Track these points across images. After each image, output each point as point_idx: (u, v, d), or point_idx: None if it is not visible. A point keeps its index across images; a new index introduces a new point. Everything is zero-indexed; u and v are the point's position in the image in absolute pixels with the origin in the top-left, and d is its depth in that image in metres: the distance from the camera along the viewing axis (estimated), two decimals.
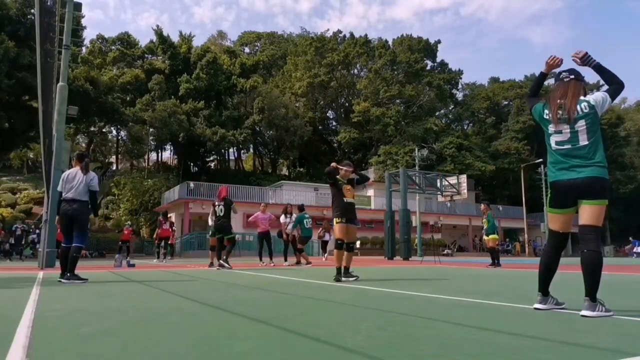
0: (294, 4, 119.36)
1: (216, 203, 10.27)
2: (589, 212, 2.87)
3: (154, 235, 15.94)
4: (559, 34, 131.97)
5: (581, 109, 2.94)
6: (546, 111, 3.08)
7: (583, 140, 2.89)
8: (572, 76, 3.07)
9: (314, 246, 26.57)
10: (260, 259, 12.28)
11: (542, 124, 3.12)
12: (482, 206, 12.21)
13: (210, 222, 11.38)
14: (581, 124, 2.91)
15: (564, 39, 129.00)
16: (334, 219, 6.18)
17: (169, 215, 19.39)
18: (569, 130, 2.94)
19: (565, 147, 2.93)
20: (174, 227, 17.37)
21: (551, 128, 3.01)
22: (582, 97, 2.99)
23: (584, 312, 2.79)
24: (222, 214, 10.05)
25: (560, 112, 2.98)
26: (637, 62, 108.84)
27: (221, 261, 9.65)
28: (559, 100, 3.01)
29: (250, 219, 12.02)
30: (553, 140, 2.99)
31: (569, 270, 6.58)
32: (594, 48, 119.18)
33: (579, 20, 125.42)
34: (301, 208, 12.69)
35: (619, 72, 3.04)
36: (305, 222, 12.36)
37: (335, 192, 6.24)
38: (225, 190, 10.67)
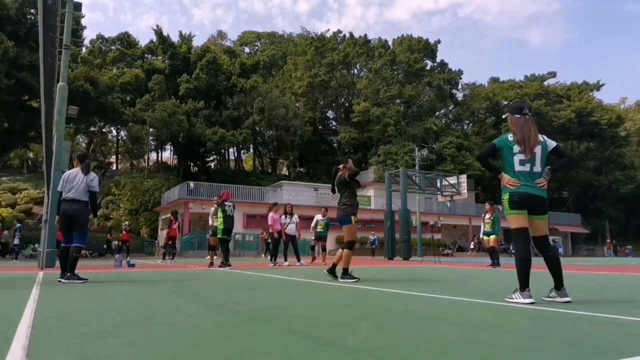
0: (293, 5, 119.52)
1: (226, 203, 10.31)
2: (542, 225, 3.65)
3: (164, 235, 15.89)
4: (557, 35, 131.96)
5: (539, 140, 3.63)
6: (511, 136, 3.65)
7: (537, 168, 3.57)
8: (531, 113, 3.69)
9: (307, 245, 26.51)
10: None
11: (505, 147, 3.65)
12: (487, 206, 11.68)
13: (210, 222, 11.34)
14: (537, 150, 3.58)
15: (562, 40, 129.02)
16: (352, 218, 5.88)
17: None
18: (529, 153, 3.57)
19: (526, 167, 3.56)
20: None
21: (517, 148, 3.58)
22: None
23: (567, 299, 3.48)
24: (232, 214, 10.34)
25: (527, 142, 3.58)
26: (634, 62, 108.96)
27: (227, 264, 10.01)
28: (526, 131, 3.62)
29: (272, 222, 12.16)
30: (517, 158, 3.57)
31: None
32: (592, 49, 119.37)
33: (577, 22, 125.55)
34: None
35: (617, 73, 3.10)
36: (319, 223, 13.16)
37: (351, 191, 5.98)
38: (229, 193, 11.02)
